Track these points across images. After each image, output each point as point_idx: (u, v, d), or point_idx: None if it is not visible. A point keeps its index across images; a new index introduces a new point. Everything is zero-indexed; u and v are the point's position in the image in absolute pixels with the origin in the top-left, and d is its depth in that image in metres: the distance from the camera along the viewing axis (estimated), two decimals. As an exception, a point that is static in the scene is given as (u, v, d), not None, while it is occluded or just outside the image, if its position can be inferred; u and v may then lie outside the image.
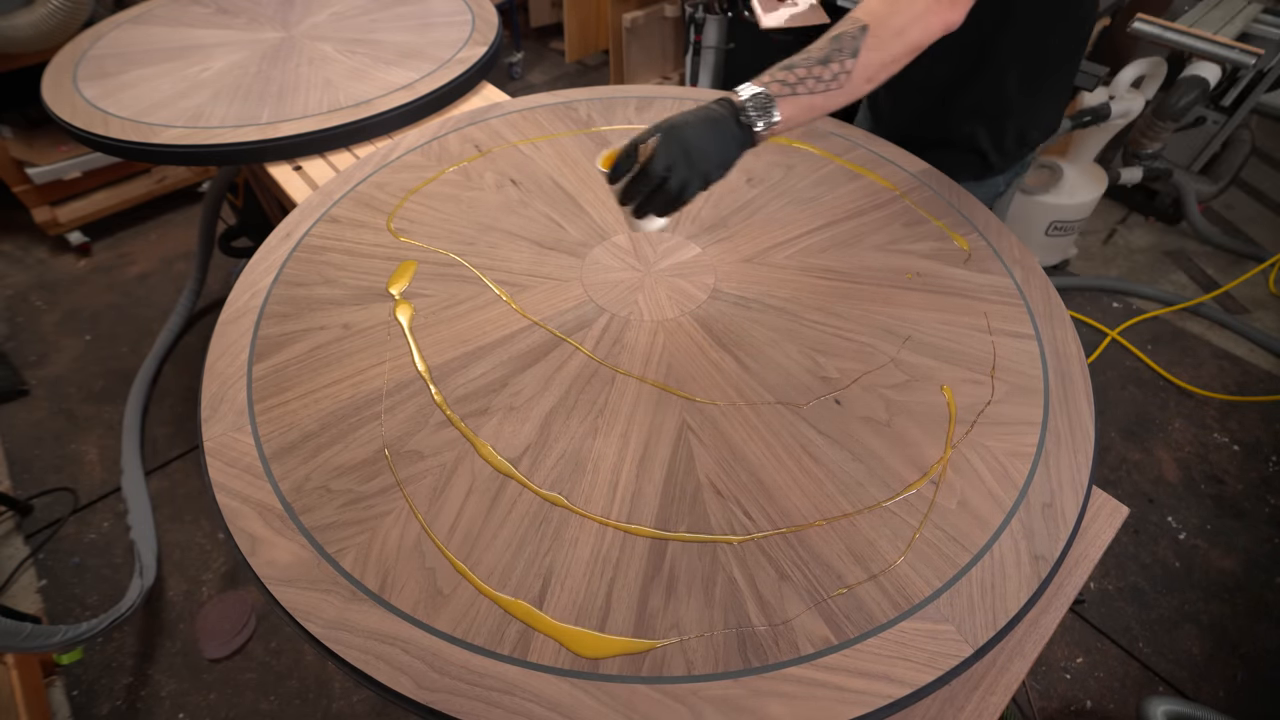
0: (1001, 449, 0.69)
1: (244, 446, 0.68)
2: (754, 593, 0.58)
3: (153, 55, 1.41)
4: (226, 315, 0.82)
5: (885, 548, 0.61)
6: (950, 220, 0.95)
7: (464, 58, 1.40)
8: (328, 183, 1.02)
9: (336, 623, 0.56)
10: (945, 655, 0.55)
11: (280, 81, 1.32)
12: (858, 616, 0.57)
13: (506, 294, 0.85)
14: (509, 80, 3.19)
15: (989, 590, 0.59)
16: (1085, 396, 0.74)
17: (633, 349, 0.79)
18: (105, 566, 1.53)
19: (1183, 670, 1.40)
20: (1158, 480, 1.72)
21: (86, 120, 1.21)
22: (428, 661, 0.54)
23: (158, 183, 2.37)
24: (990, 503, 0.65)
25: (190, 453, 1.74)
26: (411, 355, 0.77)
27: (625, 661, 0.54)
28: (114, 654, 1.40)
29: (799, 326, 0.81)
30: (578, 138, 1.11)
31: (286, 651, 1.41)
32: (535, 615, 0.57)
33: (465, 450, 0.68)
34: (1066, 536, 0.62)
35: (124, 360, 1.96)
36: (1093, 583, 1.53)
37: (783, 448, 0.69)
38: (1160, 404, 1.89)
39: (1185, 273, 2.26)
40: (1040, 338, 0.80)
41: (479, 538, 0.62)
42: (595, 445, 0.69)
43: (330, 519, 0.63)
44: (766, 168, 1.05)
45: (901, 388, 0.74)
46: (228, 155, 1.17)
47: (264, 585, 0.59)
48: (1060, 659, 1.42)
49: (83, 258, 2.28)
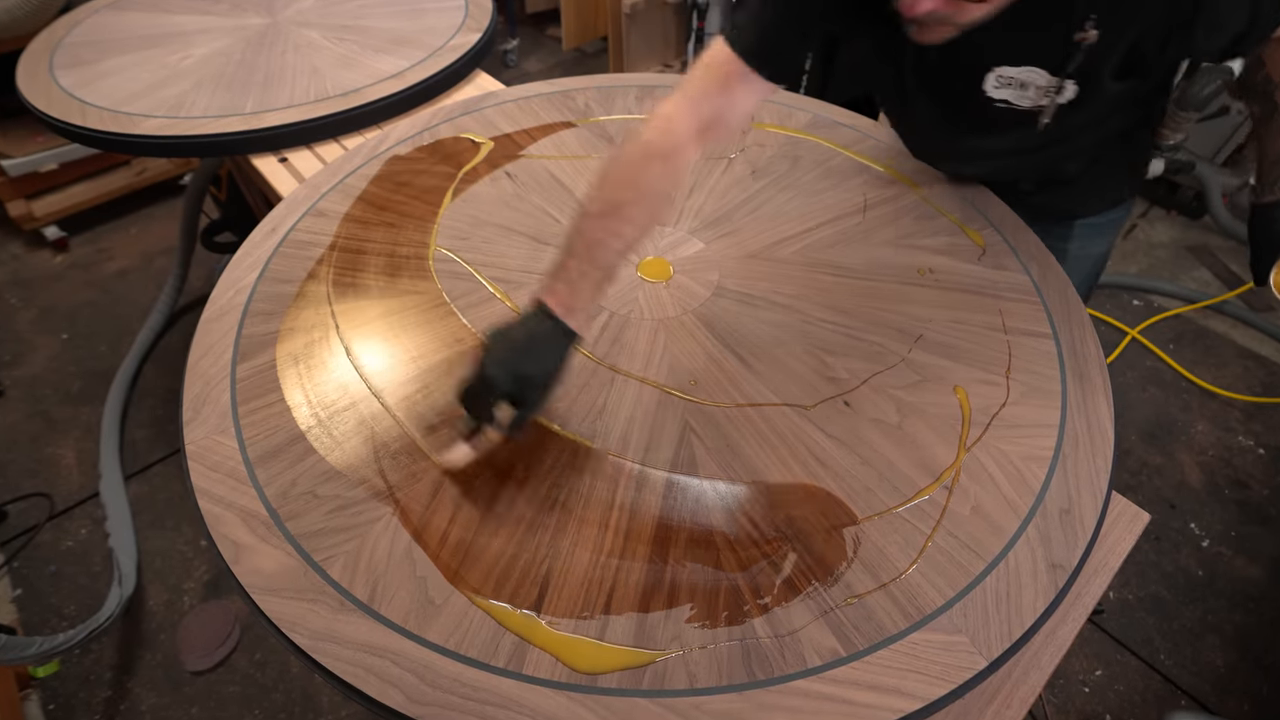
0: (1017, 453, 0.69)
1: (227, 450, 0.68)
2: (759, 602, 0.58)
3: (132, 42, 1.40)
4: (209, 313, 0.82)
5: (896, 555, 0.61)
6: (964, 214, 0.95)
7: (457, 45, 1.39)
8: (315, 175, 1.02)
9: (324, 634, 0.56)
10: (958, 668, 0.55)
11: (265, 70, 1.32)
12: (867, 627, 0.57)
13: (501, 291, 0.85)
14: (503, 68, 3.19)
15: (1004, 600, 0.59)
16: (1104, 398, 0.74)
17: (633, 348, 0.79)
18: (83, 575, 1.53)
19: (1206, 683, 1.40)
20: (1180, 485, 1.72)
21: (63, 110, 1.21)
22: (419, 674, 0.54)
23: (137, 175, 2.37)
24: (1005, 509, 0.65)
25: (171, 456, 1.74)
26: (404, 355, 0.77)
27: (625, 674, 0.54)
28: (92, 666, 1.40)
29: (806, 325, 0.81)
30: (575, 129, 1.11)
31: (271, 664, 1.41)
32: (531, 626, 0.57)
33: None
34: (1085, 544, 0.62)
35: (103, 360, 1.96)
36: (1112, 592, 1.53)
37: (789, 451, 0.69)
38: (1182, 406, 1.89)
39: (1209, 269, 2.26)
40: (1057, 337, 0.80)
41: (472, 545, 0.62)
42: (593, 448, 0.69)
43: (317, 525, 0.63)
44: (772, 160, 1.05)
45: (913, 389, 0.74)
46: (210, 146, 1.17)
47: (248, 595, 0.59)
48: (1078, 671, 1.42)
49: (59, 253, 2.28)
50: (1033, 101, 0.76)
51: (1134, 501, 0.78)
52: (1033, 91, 0.76)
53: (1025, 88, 0.76)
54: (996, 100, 0.78)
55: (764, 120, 1.13)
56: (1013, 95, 0.77)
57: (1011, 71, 0.75)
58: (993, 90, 0.77)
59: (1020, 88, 0.76)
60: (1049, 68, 0.73)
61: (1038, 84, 0.75)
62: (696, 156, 0.73)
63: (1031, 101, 0.76)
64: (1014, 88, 0.76)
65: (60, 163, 2.18)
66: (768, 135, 1.10)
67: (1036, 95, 0.76)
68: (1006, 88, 0.77)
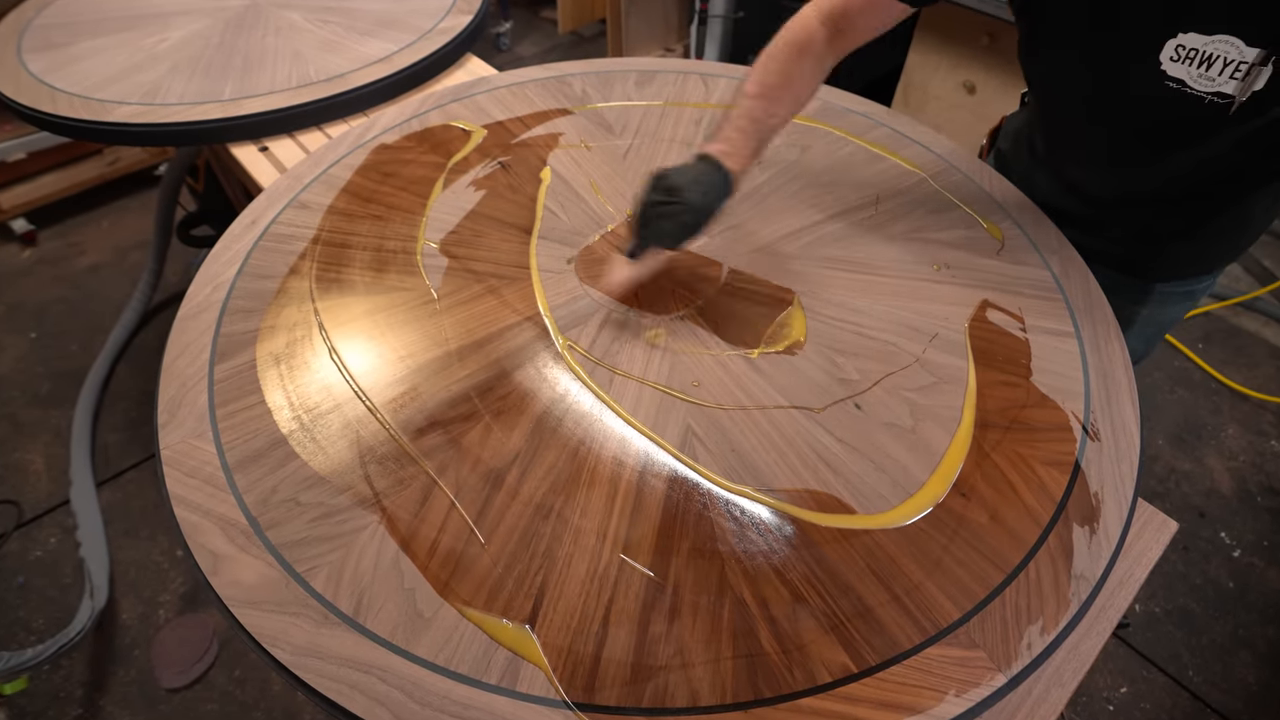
0: (1037, 457, 0.69)
1: (205, 455, 0.68)
2: (765, 615, 0.58)
3: (105, 25, 1.41)
4: (186, 310, 0.82)
5: (910, 566, 0.61)
6: (981, 206, 0.95)
7: (446, 27, 1.40)
8: (297, 165, 1.02)
9: (307, 649, 0.56)
10: (976, 685, 0.55)
11: (244, 54, 1.32)
12: (879, 642, 0.57)
13: (494, 287, 0.85)
14: (496, 52, 3.19)
15: (1024, 613, 0.59)
16: (1130, 400, 0.74)
17: (632, 347, 0.79)
18: (52, 587, 1.53)
19: (1237, 701, 1.40)
20: (1210, 492, 1.72)
21: (32, 96, 1.21)
22: (407, 691, 0.54)
23: (110, 165, 2.37)
24: (1025, 517, 0.65)
25: (146, 462, 1.74)
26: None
27: (624, 691, 0.54)
28: (62, 683, 1.40)
29: (815, 323, 0.81)
30: (572, 116, 1.11)
31: (251, 680, 1.41)
32: (525, 641, 0.57)
33: (448, 459, 0.68)
34: (1109, 554, 0.62)
35: (73, 360, 1.96)
36: (1138, 605, 1.53)
37: (797, 456, 0.69)
38: (1212, 408, 1.89)
39: (1239, 263, 2.26)
40: (1080, 335, 0.80)
41: (463, 555, 0.62)
42: (591, 453, 0.69)
43: (300, 535, 0.63)
44: (779, 149, 1.05)
45: (928, 390, 0.74)
46: (187, 135, 1.17)
47: (227, 608, 0.59)
48: (1103, 688, 1.42)
49: (28, 247, 2.28)
50: (1212, 86, 0.66)
51: (1161, 509, 0.78)
52: (1218, 69, 0.65)
53: (1209, 64, 0.65)
54: (1170, 78, 0.67)
55: (771, 107, 1.12)
56: (1190, 75, 0.67)
57: (1199, 41, 0.64)
58: (1169, 64, 0.66)
59: (1204, 64, 0.65)
60: (1248, 36, 0.62)
61: (1227, 58, 0.64)
62: (831, 55, 0.83)
63: (1211, 86, 0.66)
64: (1195, 64, 0.65)
65: (28, 152, 2.18)
66: (775, 123, 1.10)
67: (1219, 78, 0.65)
68: (1186, 62, 0.66)
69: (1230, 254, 0.91)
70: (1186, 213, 0.84)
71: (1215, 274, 0.93)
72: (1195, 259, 0.90)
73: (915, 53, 2.07)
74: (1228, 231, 0.86)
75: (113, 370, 1.90)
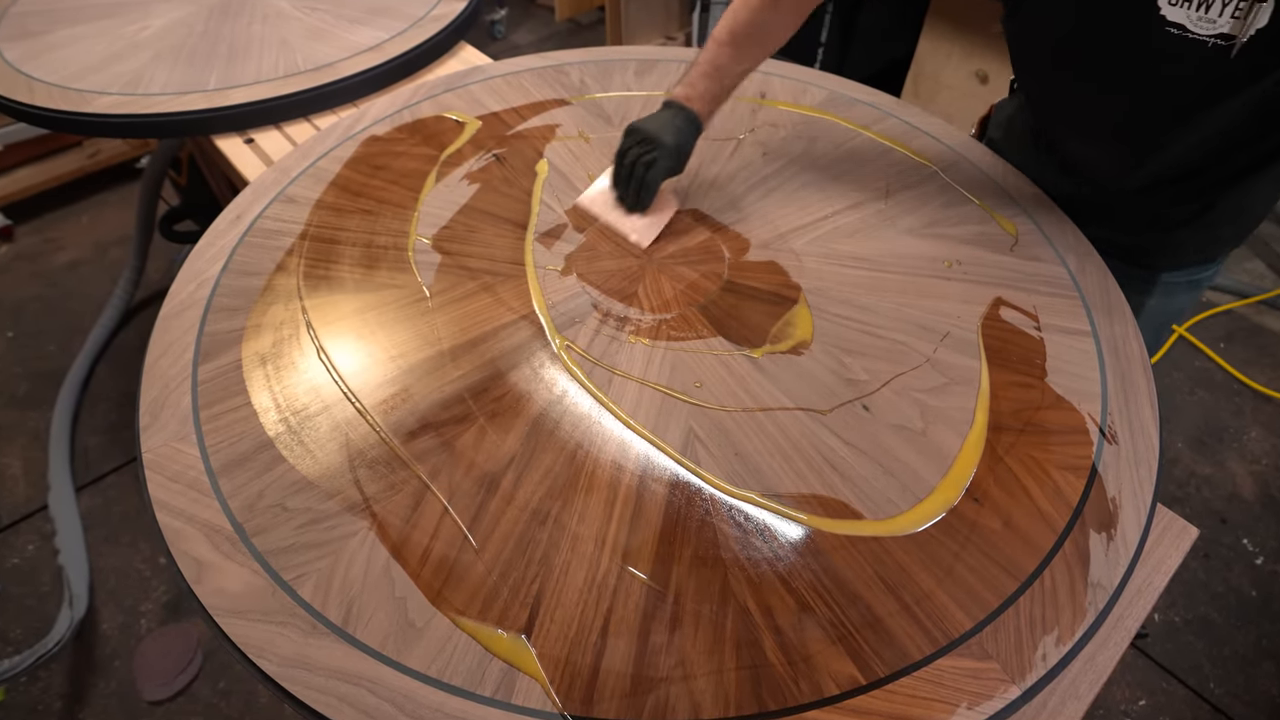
0: (1053, 461, 0.69)
1: (188, 459, 0.68)
2: (770, 625, 0.59)
3: (84, 12, 1.41)
4: (168, 309, 0.82)
5: (920, 574, 0.61)
6: (995, 200, 0.95)
7: (439, 14, 1.40)
8: (284, 157, 1.02)
9: (294, 660, 0.56)
10: (988, 697, 0.55)
11: (229, 42, 1.32)
12: (889, 653, 0.57)
13: (488, 284, 0.85)
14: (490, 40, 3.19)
15: (1039, 623, 0.59)
16: (1149, 401, 0.74)
17: (632, 347, 0.79)
18: (30, 596, 1.53)
19: (1260, 714, 1.40)
20: (1231, 497, 1.72)
21: (8, 86, 1.21)
22: (398, 704, 0.54)
23: (90, 158, 2.37)
24: (1040, 523, 0.65)
25: (127, 466, 1.74)
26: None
27: (624, 703, 0.54)
28: (40, 695, 1.40)
29: (822, 322, 0.81)
30: (570, 106, 1.11)
31: (237, 693, 1.41)
32: (521, 652, 0.57)
33: (440, 463, 0.68)
34: (1127, 562, 0.63)
35: (51, 360, 1.96)
36: (1157, 614, 1.53)
37: (803, 460, 0.69)
38: (1234, 410, 1.89)
39: (1262, 260, 2.26)
40: (1097, 334, 0.80)
41: (456, 563, 0.62)
42: (589, 456, 0.69)
43: (287, 541, 0.63)
44: (785, 141, 1.05)
45: (938, 391, 0.75)
46: (170, 126, 1.17)
47: (211, 617, 0.59)
48: (1120, 701, 1.42)
49: (4, 243, 2.28)
50: (1213, 29, 0.65)
51: (1181, 515, 0.78)
52: (1218, 10, 0.65)
53: (1209, 5, 0.65)
54: (1170, 23, 0.67)
55: (776, 97, 1.13)
56: (1190, 18, 0.66)
57: None
58: (1167, 8, 0.66)
59: (1203, 6, 0.65)
60: None
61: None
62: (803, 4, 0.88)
63: (1212, 28, 0.65)
64: (1194, 5, 0.65)
65: (5, 144, 2.19)
66: (780, 114, 1.10)
67: (1220, 19, 0.65)
68: (1185, 4, 0.65)
69: (1234, 239, 0.93)
70: (1195, 191, 0.85)
71: (1219, 262, 0.95)
72: (1201, 245, 0.92)
73: (926, 40, 2.07)
74: (1233, 215, 0.88)
75: (92, 371, 1.90)
